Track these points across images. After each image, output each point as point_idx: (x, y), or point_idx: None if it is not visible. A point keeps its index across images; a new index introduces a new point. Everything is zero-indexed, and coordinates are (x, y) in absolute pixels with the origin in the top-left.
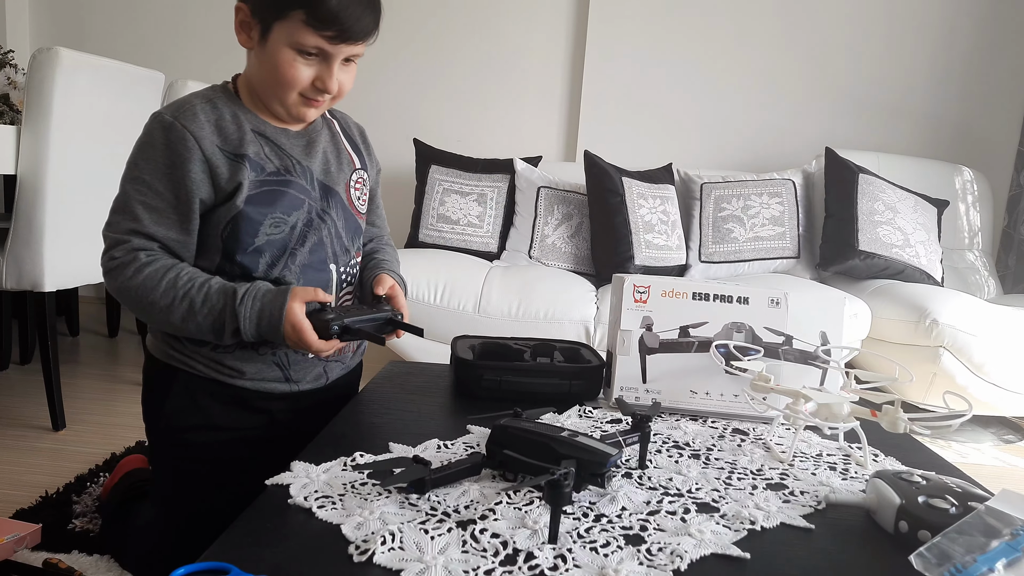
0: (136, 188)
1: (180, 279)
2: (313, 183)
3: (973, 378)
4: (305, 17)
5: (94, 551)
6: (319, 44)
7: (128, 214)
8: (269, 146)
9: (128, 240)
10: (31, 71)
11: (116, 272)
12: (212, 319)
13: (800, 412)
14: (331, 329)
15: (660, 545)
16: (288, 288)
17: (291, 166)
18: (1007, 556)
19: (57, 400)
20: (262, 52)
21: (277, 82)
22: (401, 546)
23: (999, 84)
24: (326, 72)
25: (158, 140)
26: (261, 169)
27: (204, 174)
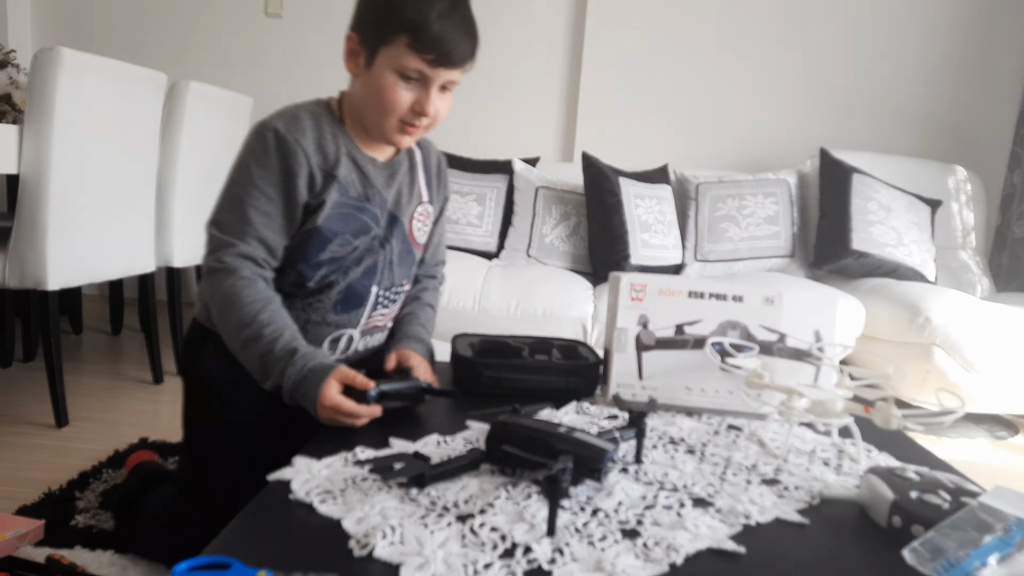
0: (249, 192)
1: (264, 312)
2: (384, 211)
3: (966, 375)
4: (409, 40)
5: (97, 547)
6: (420, 67)
7: (240, 216)
8: (356, 171)
9: (235, 245)
10: (33, 71)
11: (218, 275)
12: (266, 362)
13: (794, 408)
14: (368, 398)
15: (656, 539)
16: (334, 366)
17: (371, 194)
18: (1000, 551)
19: (60, 397)
20: (367, 78)
21: (379, 106)
22: (401, 540)
23: (992, 84)
24: (424, 96)
25: (272, 149)
26: (346, 192)
27: (306, 188)
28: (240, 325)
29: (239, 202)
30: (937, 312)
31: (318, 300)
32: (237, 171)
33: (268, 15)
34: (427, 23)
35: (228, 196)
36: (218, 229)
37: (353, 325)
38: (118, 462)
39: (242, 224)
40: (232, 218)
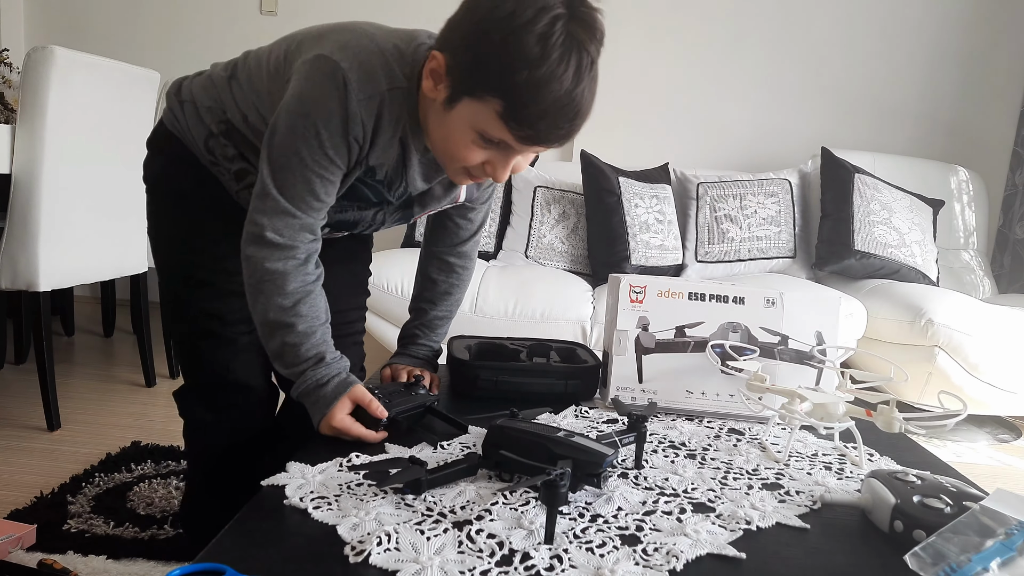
0: (315, 158)
1: (303, 303)
2: (400, 198)
3: (968, 378)
4: (501, 110)
5: (89, 552)
6: (506, 139)
7: (305, 183)
8: (398, 160)
9: (299, 217)
10: (26, 70)
11: (272, 249)
12: (285, 351)
13: (796, 412)
14: (379, 423)
15: (656, 545)
16: (350, 385)
17: (396, 183)
18: (1002, 555)
19: (52, 400)
20: (443, 114)
21: (446, 150)
22: (397, 547)
23: (994, 84)
24: (501, 163)
25: (338, 105)
26: (372, 174)
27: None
28: (277, 308)
29: (303, 166)
30: (939, 314)
31: None
32: (300, 120)
33: (263, 12)
34: (532, 98)
35: (290, 152)
36: (279, 191)
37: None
38: (110, 466)
39: (307, 194)
40: (295, 182)
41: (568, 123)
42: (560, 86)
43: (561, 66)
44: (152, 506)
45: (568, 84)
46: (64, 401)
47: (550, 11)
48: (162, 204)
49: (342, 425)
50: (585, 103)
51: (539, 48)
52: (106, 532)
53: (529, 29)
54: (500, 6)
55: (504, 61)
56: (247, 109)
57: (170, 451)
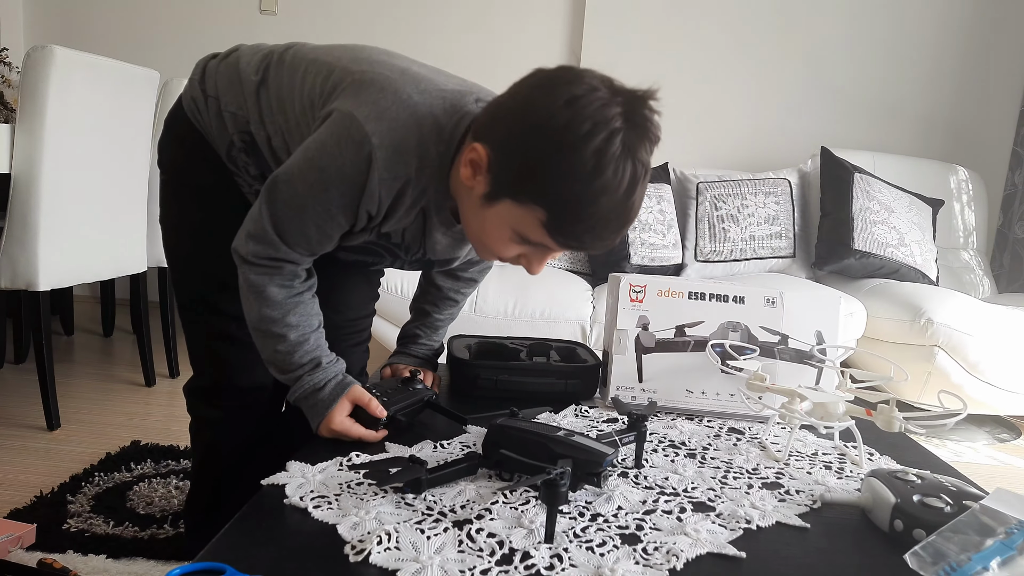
0: (321, 217)
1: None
2: (416, 258)
3: (968, 377)
4: (546, 220)
5: (89, 551)
6: (547, 244)
7: (302, 232)
8: (418, 228)
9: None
10: (25, 69)
11: (257, 269)
12: (278, 359)
13: (796, 411)
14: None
15: (656, 544)
16: (348, 386)
17: (414, 248)
18: (1001, 555)
19: (52, 400)
20: (480, 206)
21: (479, 240)
22: (397, 546)
23: (994, 83)
24: (537, 260)
25: (358, 181)
26: (387, 238)
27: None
28: (266, 318)
29: (303, 215)
30: (939, 313)
31: None
32: (314, 174)
33: (263, 12)
34: (580, 214)
35: (295, 199)
36: (271, 221)
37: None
38: (110, 465)
39: (300, 236)
40: (294, 229)
41: (614, 234)
42: (610, 201)
43: (614, 181)
44: (152, 505)
45: (619, 198)
46: (64, 401)
47: (608, 125)
48: (181, 196)
49: (341, 427)
50: (634, 213)
51: (593, 163)
52: (106, 531)
53: (585, 145)
54: (556, 116)
55: (554, 175)
56: (272, 132)
57: (170, 450)
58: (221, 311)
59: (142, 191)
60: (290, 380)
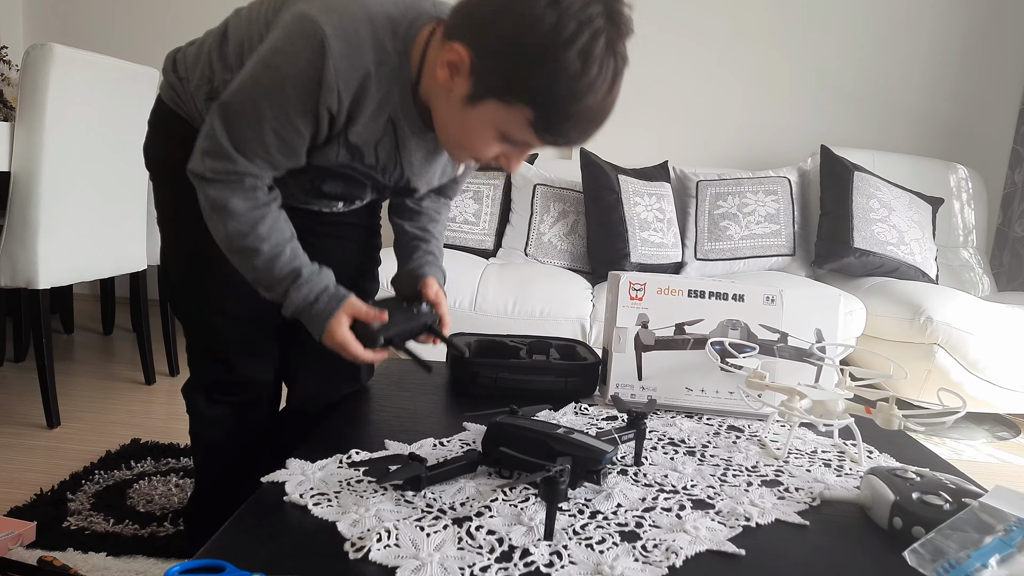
0: (277, 116)
1: (262, 223)
2: (397, 181)
3: (967, 375)
4: (533, 119)
5: (89, 549)
6: (531, 141)
7: (257, 135)
8: (390, 141)
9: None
10: (25, 67)
11: (211, 184)
12: (260, 277)
13: (795, 409)
14: (376, 342)
15: (655, 542)
16: (344, 297)
17: (390, 167)
18: (1000, 552)
19: (52, 398)
20: (461, 107)
21: (458, 141)
22: (397, 543)
23: (994, 82)
24: (516, 157)
25: (314, 76)
26: (359, 157)
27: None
28: (234, 235)
29: (261, 120)
30: (939, 311)
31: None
32: (268, 72)
33: None
34: (567, 111)
35: (249, 101)
36: (226, 134)
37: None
38: (110, 463)
39: (257, 145)
40: (246, 131)
41: (596, 128)
42: (595, 97)
43: (599, 79)
44: (152, 503)
45: (603, 93)
46: (64, 399)
47: (591, 24)
48: (169, 189)
49: (343, 340)
50: (611, 108)
51: (580, 63)
52: (106, 529)
53: (571, 45)
54: (541, 17)
55: (543, 75)
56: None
57: (170, 448)
58: (212, 303)
59: (142, 189)
60: (279, 297)
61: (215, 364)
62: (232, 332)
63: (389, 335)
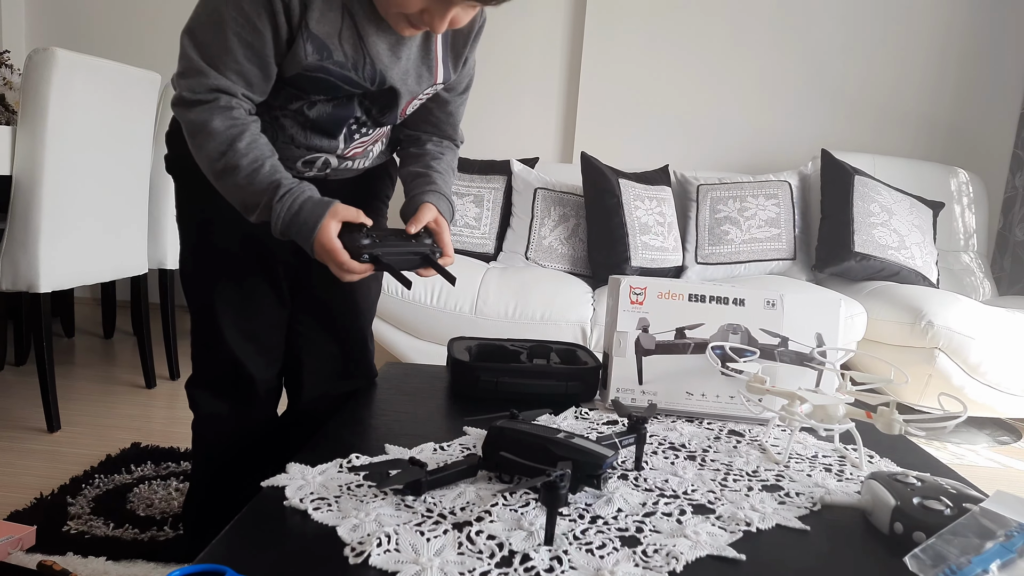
0: (233, 16)
1: (240, 139)
2: (375, 83)
3: (969, 380)
4: None
5: (89, 553)
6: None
7: (221, 41)
8: (350, 32)
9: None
10: (27, 71)
11: (190, 106)
12: (245, 196)
13: (796, 414)
14: (361, 256)
15: (656, 547)
16: (330, 203)
17: (360, 63)
18: (1001, 557)
19: (52, 401)
20: None
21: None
22: (397, 548)
23: (994, 86)
24: (439, 14)
25: None
26: (327, 53)
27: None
28: (215, 155)
29: (222, 25)
30: (940, 316)
31: (284, 118)
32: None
33: None
34: None
35: (209, 12)
36: (195, 49)
37: (329, 151)
38: (110, 467)
39: (222, 53)
40: (211, 39)
41: None
42: None
43: None
44: (152, 507)
45: None
46: (64, 402)
47: None
48: (186, 186)
49: (331, 246)
50: None
51: None
52: (106, 534)
53: None
54: None
55: None
56: None
57: (170, 452)
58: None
59: (143, 193)
60: (264, 215)
61: (221, 359)
62: (241, 327)
63: (376, 252)
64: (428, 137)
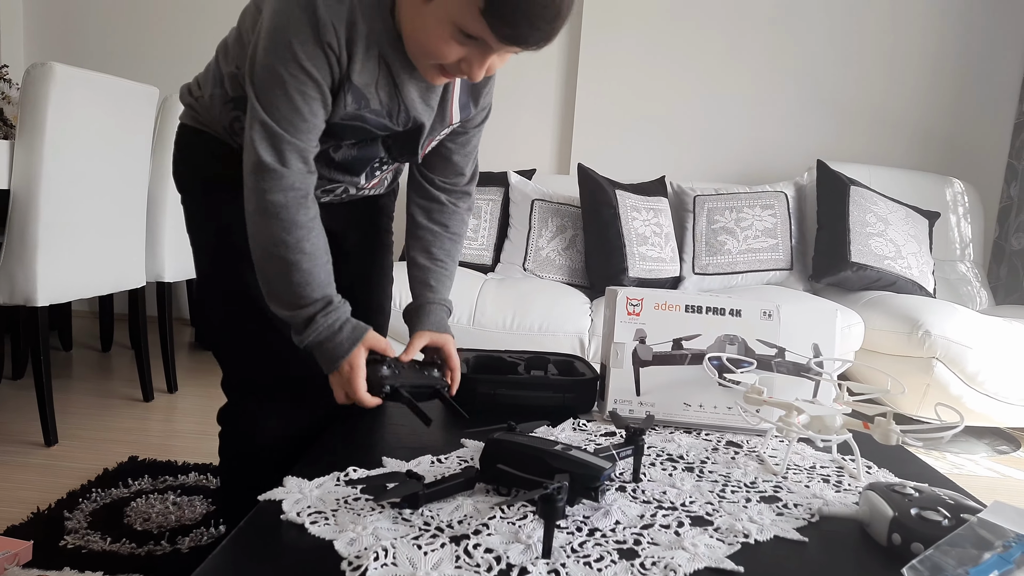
0: (293, 73)
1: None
2: (405, 123)
3: (966, 389)
4: (483, 6)
5: (86, 568)
6: (485, 36)
7: (288, 101)
8: (386, 80)
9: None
10: (25, 85)
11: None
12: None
13: (793, 424)
14: (382, 389)
15: (654, 559)
16: (366, 329)
17: (395, 110)
18: (999, 568)
19: (49, 415)
20: (420, 6)
21: (421, 45)
22: (394, 562)
23: (989, 96)
24: (478, 61)
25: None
26: (365, 103)
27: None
28: (280, 243)
29: (283, 84)
30: (937, 326)
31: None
32: (272, 38)
33: None
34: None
35: (269, 72)
36: (266, 112)
37: (350, 184)
38: (107, 481)
39: (292, 114)
40: (278, 103)
41: (548, 24)
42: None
43: None
44: (149, 522)
45: None
46: (61, 416)
47: None
48: (200, 198)
49: (356, 375)
50: (566, 5)
51: None
52: (103, 548)
53: None
54: None
55: None
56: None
57: (168, 466)
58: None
59: (141, 207)
60: (299, 318)
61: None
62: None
63: (396, 384)
64: (440, 185)
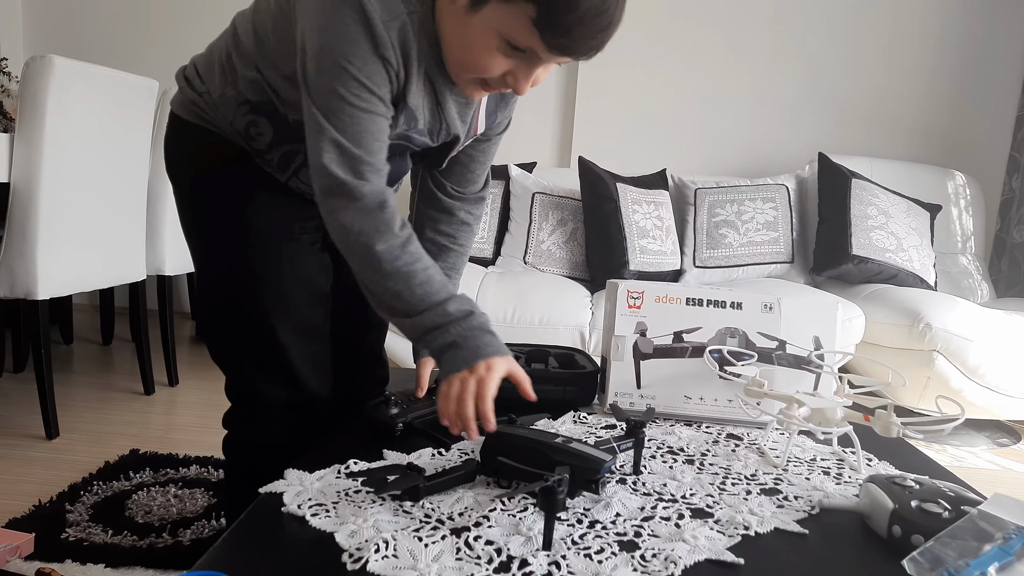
0: (356, 93)
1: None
2: (442, 141)
3: (967, 382)
4: (534, 16)
5: (87, 561)
6: (535, 47)
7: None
8: (430, 97)
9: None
10: (25, 79)
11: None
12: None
13: (794, 417)
14: (395, 428)
15: (654, 551)
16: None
17: (436, 128)
18: (999, 560)
19: (50, 408)
20: (464, 17)
21: (464, 59)
22: (395, 554)
23: (990, 89)
24: (524, 74)
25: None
26: (414, 124)
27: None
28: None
29: (348, 104)
30: (938, 318)
31: None
32: (326, 58)
33: None
34: (569, 6)
35: (330, 94)
36: (339, 132)
37: None
38: (109, 474)
39: (363, 133)
40: (348, 123)
41: (601, 32)
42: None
43: None
44: (150, 514)
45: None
46: (62, 409)
47: None
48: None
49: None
50: (619, 12)
51: None
52: (104, 541)
53: None
54: None
55: None
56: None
57: (169, 459)
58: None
59: (141, 200)
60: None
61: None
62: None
63: (407, 420)
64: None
